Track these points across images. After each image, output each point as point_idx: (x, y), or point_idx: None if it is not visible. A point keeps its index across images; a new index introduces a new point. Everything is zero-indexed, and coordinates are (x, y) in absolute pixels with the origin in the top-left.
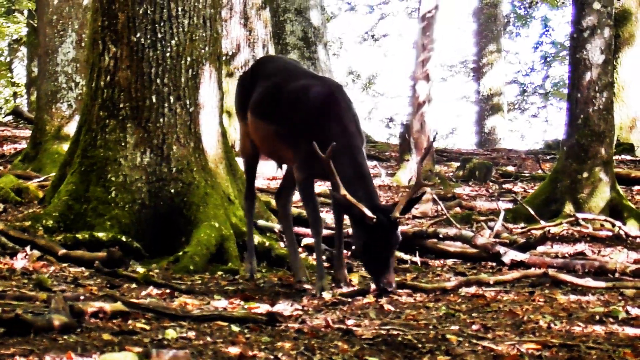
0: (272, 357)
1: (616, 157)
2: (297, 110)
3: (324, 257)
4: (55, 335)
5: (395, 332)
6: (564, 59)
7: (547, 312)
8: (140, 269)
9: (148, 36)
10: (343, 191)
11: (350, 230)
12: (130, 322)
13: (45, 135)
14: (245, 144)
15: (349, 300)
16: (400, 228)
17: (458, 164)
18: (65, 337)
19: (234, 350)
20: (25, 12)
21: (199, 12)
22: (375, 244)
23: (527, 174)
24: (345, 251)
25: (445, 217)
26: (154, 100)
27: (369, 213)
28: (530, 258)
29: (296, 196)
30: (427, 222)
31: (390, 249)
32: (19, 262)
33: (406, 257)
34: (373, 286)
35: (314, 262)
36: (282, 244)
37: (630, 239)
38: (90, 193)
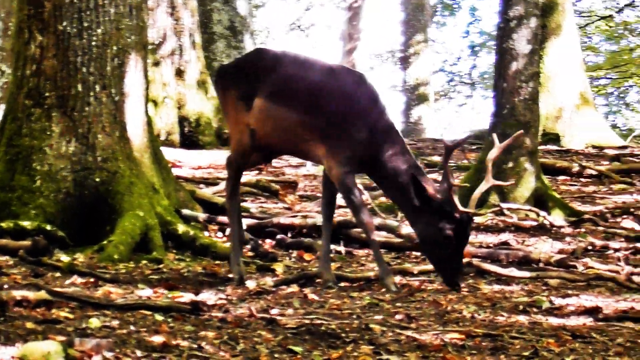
0: (195, 346)
1: (542, 147)
2: (339, 102)
3: (248, 247)
4: None
5: (319, 322)
6: (491, 48)
7: (471, 302)
8: (65, 258)
9: (74, 25)
10: (453, 181)
11: (276, 220)
12: (54, 311)
13: None
14: (242, 137)
15: (273, 289)
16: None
17: None
18: None
19: (158, 339)
20: None
21: (125, 1)
22: (458, 239)
23: (452, 164)
24: (270, 241)
25: (370, 206)
26: (80, 89)
27: (461, 207)
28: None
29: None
30: None
31: (466, 244)
32: None
33: (331, 246)
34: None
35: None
36: (206, 233)
37: (554, 228)
38: (15, 182)
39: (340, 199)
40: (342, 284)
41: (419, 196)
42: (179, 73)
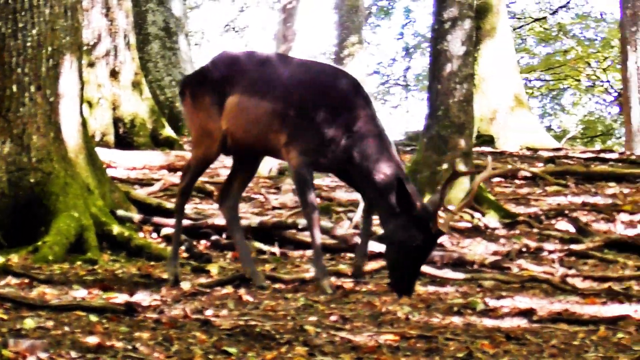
0: (130, 347)
1: (476, 148)
2: (315, 95)
3: (183, 248)
4: None
5: (253, 323)
6: (425, 50)
7: (406, 303)
8: None
9: (9, 25)
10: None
11: (210, 221)
12: None
13: None
14: (212, 146)
15: (208, 290)
16: (260, 219)
17: None
18: None
19: (92, 340)
20: None
21: (60, 2)
22: (423, 252)
23: None
24: (204, 242)
25: None
26: (15, 89)
27: (440, 225)
28: None
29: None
30: (287, 213)
31: (427, 257)
32: None
33: (265, 247)
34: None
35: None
36: (141, 234)
37: (489, 230)
38: None
39: None
40: (277, 286)
41: (401, 202)
42: (114, 74)
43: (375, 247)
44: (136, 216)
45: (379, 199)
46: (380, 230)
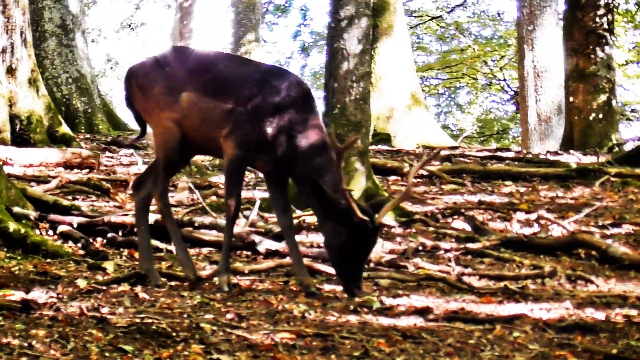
0: (26, 344)
1: (373, 147)
2: (269, 94)
3: (79, 245)
4: None
5: (149, 321)
6: (322, 48)
7: (302, 302)
8: None
9: None
10: (345, 186)
11: (107, 218)
12: None
13: None
14: (171, 132)
15: (104, 288)
16: (156, 216)
17: None
18: None
19: None
20: None
21: None
22: (357, 246)
23: None
24: (100, 239)
25: (201, 205)
26: None
27: (360, 214)
28: (285, 247)
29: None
30: (183, 211)
31: (369, 253)
32: None
33: (162, 245)
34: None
35: (69, 249)
36: (37, 231)
37: (385, 229)
38: None
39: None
40: (173, 283)
41: (321, 201)
42: (10, 71)
43: (272, 245)
44: (32, 213)
45: (320, 203)
46: (276, 228)
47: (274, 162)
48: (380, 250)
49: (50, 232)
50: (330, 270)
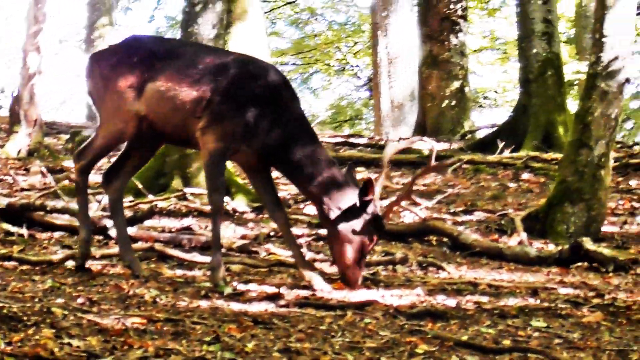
0: None
1: None
2: (242, 84)
3: None
4: None
5: (0, 305)
6: (177, 33)
7: (153, 287)
8: None
9: None
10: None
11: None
12: None
13: None
14: (126, 126)
15: None
16: (8, 200)
17: (67, 136)
18: None
19: None
20: None
21: None
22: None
23: None
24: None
25: (53, 189)
26: None
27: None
28: (137, 232)
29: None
30: (35, 195)
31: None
32: None
33: (13, 229)
34: None
35: None
36: None
37: (237, 214)
38: None
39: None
40: (24, 267)
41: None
42: None
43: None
44: None
45: (320, 195)
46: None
47: (258, 154)
48: (232, 235)
49: None
50: (183, 255)
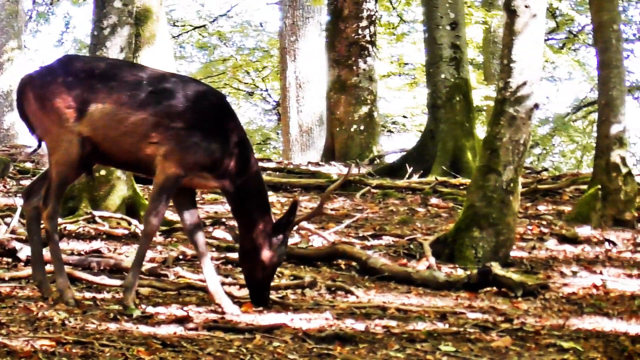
0: None
1: None
2: (198, 109)
3: None
4: None
5: None
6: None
7: (62, 309)
8: None
9: None
10: None
11: None
12: None
13: None
14: (70, 148)
15: None
16: None
17: None
18: None
19: None
20: None
21: None
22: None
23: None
24: None
25: None
26: None
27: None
28: (45, 254)
29: None
30: None
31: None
32: None
33: None
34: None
35: None
36: None
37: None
38: None
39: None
40: None
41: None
42: None
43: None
44: None
45: (256, 221)
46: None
47: (218, 178)
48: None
49: None
50: (92, 277)
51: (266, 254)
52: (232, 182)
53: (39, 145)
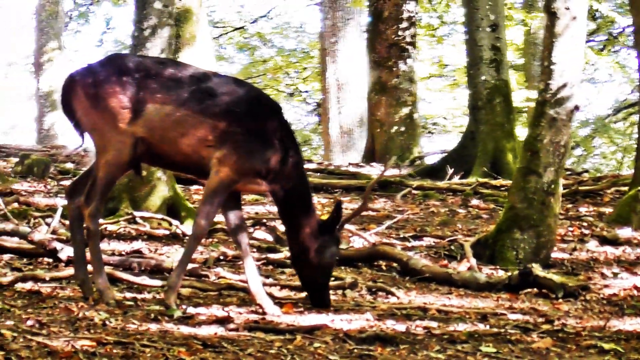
0: None
1: None
2: (255, 114)
3: None
4: None
5: None
6: None
7: (103, 309)
8: None
9: None
10: None
11: None
12: None
13: None
14: (122, 149)
15: None
16: None
17: (17, 159)
18: None
19: None
20: None
21: None
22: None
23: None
24: None
25: (2, 212)
26: None
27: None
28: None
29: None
30: None
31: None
32: None
33: None
34: None
35: None
36: None
37: (187, 237)
38: None
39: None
40: None
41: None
42: None
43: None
44: None
45: (303, 224)
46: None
47: (269, 184)
48: None
49: None
50: (133, 278)
51: (316, 255)
52: (282, 187)
53: (83, 142)
